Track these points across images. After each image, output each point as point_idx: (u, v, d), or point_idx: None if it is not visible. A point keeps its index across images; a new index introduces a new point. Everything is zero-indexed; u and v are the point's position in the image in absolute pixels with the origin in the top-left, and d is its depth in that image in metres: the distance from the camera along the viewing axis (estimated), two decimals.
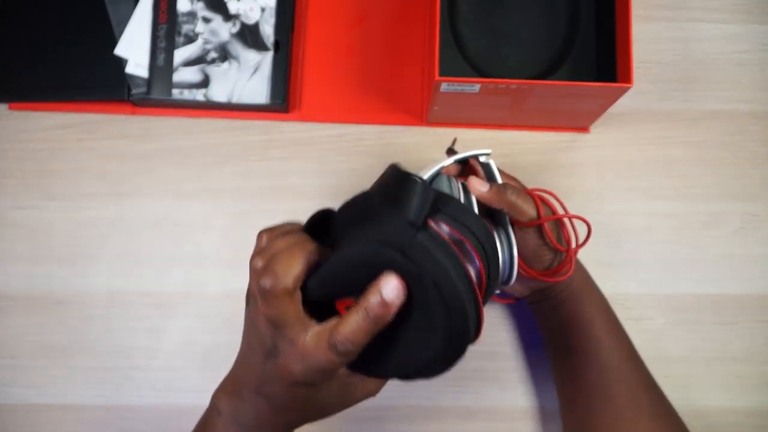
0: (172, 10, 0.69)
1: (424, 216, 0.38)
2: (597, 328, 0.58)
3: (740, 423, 0.66)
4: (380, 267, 0.38)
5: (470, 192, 0.53)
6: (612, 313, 0.60)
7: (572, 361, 0.58)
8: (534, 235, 0.54)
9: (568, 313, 0.58)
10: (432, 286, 0.37)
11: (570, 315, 0.58)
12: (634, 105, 0.72)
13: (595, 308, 0.59)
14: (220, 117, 0.71)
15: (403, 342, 0.40)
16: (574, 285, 0.59)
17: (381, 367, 0.41)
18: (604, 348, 0.57)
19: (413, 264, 0.37)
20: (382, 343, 0.40)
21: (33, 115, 0.70)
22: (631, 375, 0.57)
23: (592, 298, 0.59)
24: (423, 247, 0.37)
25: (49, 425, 0.65)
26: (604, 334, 0.58)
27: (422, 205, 0.38)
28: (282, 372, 0.40)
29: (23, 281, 0.62)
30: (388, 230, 0.37)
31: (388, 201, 0.39)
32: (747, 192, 0.71)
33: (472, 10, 0.69)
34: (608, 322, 0.59)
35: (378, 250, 0.37)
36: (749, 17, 0.74)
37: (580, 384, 0.57)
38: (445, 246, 0.37)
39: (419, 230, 0.37)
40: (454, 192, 0.51)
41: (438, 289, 0.37)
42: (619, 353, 0.57)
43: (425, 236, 0.37)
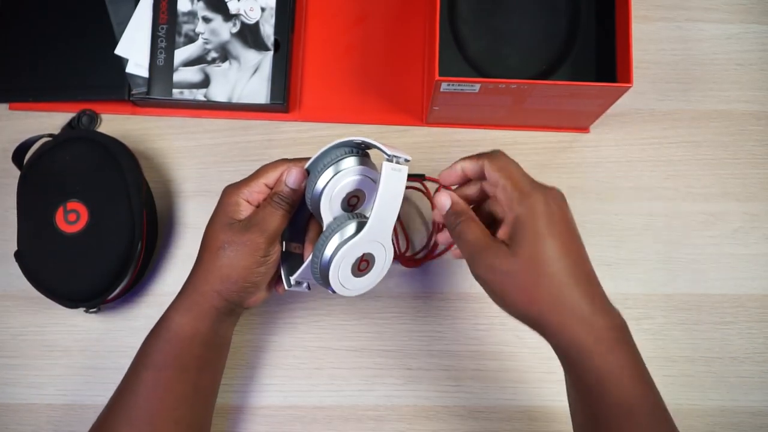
0: (173, 10, 0.69)
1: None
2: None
3: (740, 423, 0.66)
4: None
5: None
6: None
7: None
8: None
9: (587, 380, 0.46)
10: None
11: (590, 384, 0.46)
12: (634, 105, 0.72)
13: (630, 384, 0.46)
14: (220, 117, 0.71)
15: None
16: (585, 339, 0.46)
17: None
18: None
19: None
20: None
21: (33, 115, 0.70)
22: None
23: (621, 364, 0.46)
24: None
25: (49, 425, 0.65)
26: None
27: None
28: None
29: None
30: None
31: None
32: (747, 192, 0.71)
33: (472, 10, 0.69)
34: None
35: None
36: (749, 17, 0.74)
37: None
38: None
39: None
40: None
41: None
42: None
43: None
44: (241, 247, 0.51)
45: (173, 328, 0.53)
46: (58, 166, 0.63)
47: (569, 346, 0.46)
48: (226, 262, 0.52)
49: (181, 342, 0.53)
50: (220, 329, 0.54)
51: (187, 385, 0.53)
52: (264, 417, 0.65)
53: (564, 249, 0.46)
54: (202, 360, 0.53)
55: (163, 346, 0.53)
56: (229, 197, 0.53)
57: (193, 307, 0.53)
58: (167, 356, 0.53)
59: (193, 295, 0.53)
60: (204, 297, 0.53)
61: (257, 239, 0.51)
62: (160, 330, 0.54)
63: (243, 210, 0.53)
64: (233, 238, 0.52)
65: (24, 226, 0.63)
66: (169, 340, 0.53)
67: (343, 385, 0.66)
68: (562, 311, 0.46)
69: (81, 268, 0.62)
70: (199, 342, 0.53)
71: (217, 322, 0.53)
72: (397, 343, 0.67)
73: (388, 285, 0.68)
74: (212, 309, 0.53)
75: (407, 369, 0.67)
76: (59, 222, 0.62)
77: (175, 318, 0.53)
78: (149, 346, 0.54)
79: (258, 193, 0.53)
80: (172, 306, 0.54)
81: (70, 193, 0.62)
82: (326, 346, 0.67)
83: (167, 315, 0.54)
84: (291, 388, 0.66)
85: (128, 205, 0.62)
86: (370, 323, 0.67)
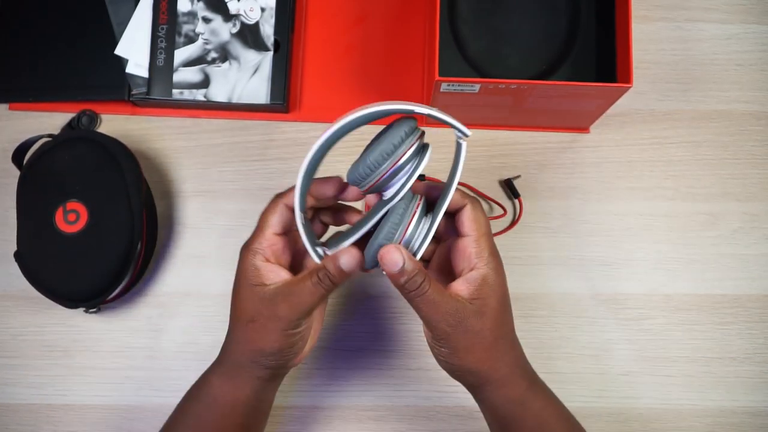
0: (173, 10, 0.69)
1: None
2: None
3: (740, 423, 0.66)
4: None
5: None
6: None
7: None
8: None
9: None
10: None
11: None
12: (634, 105, 0.72)
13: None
14: (220, 117, 0.71)
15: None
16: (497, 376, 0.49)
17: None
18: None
19: None
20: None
21: (33, 115, 0.70)
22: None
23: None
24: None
25: (49, 425, 0.65)
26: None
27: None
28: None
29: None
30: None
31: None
32: (747, 192, 0.71)
33: (472, 10, 0.69)
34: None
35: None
36: (749, 17, 0.74)
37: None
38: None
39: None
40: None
41: None
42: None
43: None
44: (271, 321, 0.47)
45: (213, 393, 0.50)
46: (58, 166, 0.63)
47: (506, 394, 0.50)
48: (258, 336, 0.47)
49: (222, 409, 0.50)
50: (263, 394, 0.51)
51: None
52: None
53: (509, 310, 0.50)
54: (243, 428, 0.51)
55: (203, 412, 0.51)
56: (246, 261, 0.48)
57: (234, 376, 0.50)
58: (206, 423, 0.50)
59: (231, 362, 0.50)
60: (245, 366, 0.49)
61: (289, 315, 0.46)
62: (200, 393, 0.51)
63: (263, 273, 0.48)
64: (262, 310, 0.47)
65: (24, 226, 0.63)
66: (209, 406, 0.50)
67: (343, 385, 0.66)
68: (508, 365, 0.50)
69: (81, 268, 0.62)
70: (241, 411, 0.50)
71: (260, 390, 0.50)
72: (397, 343, 0.67)
73: (388, 285, 0.68)
74: (254, 378, 0.49)
75: (407, 369, 0.67)
76: (59, 222, 0.62)
77: (215, 383, 0.50)
78: (189, 408, 0.52)
79: (270, 247, 0.48)
80: (212, 370, 0.51)
81: (69, 193, 0.62)
82: (326, 346, 0.67)
83: (207, 378, 0.51)
84: (291, 388, 0.66)
85: (128, 205, 0.62)
86: (370, 323, 0.67)
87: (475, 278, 0.47)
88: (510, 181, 0.69)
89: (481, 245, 0.47)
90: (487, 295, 0.47)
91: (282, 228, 0.49)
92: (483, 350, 0.48)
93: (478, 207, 0.48)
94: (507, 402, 0.50)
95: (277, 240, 0.49)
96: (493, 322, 0.47)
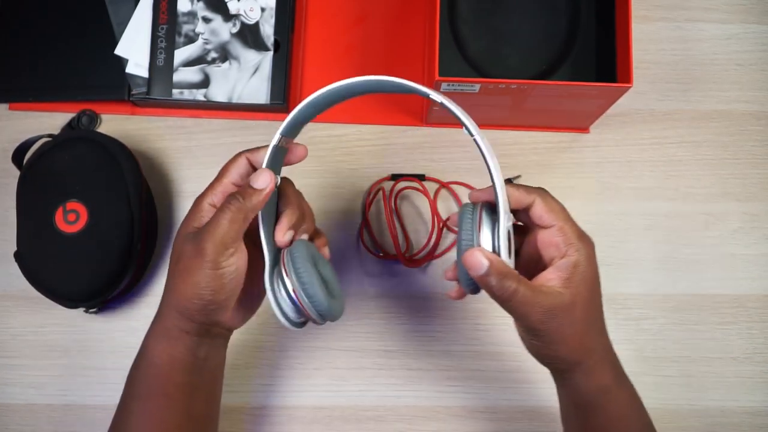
0: (173, 10, 0.69)
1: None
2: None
3: (740, 423, 0.66)
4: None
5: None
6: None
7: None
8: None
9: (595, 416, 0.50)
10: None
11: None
12: (634, 105, 0.72)
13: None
14: (220, 117, 0.71)
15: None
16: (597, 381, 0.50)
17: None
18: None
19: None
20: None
21: (33, 115, 0.70)
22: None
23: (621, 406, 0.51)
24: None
25: (49, 425, 0.65)
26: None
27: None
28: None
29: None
30: None
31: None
32: (747, 192, 0.71)
33: (472, 10, 0.69)
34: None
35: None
36: (749, 17, 0.74)
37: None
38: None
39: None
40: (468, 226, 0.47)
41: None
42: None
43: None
44: (190, 258, 0.45)
45: (149, 356, 0.49)
46: (58, 166, 0.63)
47: (593, 381, 0.49)
48: (180, 278, 0.46)
49: (158, 370, 0.49)
50: (200, 352, 0.49)
51: (177, 413, 0.49)
52: (264, 417, 0.65)
53: (599, 295, 0.49)
54: (188, 387, 0.49)
55: (144, 376, 0.50)
56: (194, 205, 0.49)
57: (164, 332, 0.49)
58: (149, 385, 0.49)
59: (162, 320, 0.49)
60: (170, 321, 0.48)
61: (204, 246, 0.45)
62: (139, 359, 0.50)
63: (205, 216, 0.47)
64: (186, 247, 0.46)
65: (24, 226, 0.63)
66: (147, 369, 0.49)
67: (343, 385, 0.66)
68: (598, 353, 0.49)
69: (81, 268, 0.62)
70: (179, 368, 0.49)
71: (193, 346, 0.48)
72: (397, 343, 0.67)
73: (388, 285, 0.68)
74: (182, 333, 0.48)
75: (407, 369, 0.67)
76: (59, 222, 0.62)
77: (150, 345, 0.50)
78: (132, 376, 0.51)
79: (223, 193, 0.48)
80: (147, 333, 0.50)
81: (69, 193, 0.62)
82: (326, 346, 0.67)
83: (144, 342, 0.50)
84: (291, 388, 0.66)
85: (128, 205, 0.62)
86: (370, 323, 0.67)
87: (567, 266, 0.46)
88: (510, 181, 0.69)
89: (567, 232, 0.47)
90: (578, 282, 0.46)
91: (240, 178, 0.50)
92: (575, 339, 0.47)
93: (548, 197, 0.48)
94: (593, 389, 0.49)
95: (232, 188, 0.49)
96: (584, 310, 0.47)
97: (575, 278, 0.46)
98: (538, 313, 0.45)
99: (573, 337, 0.47)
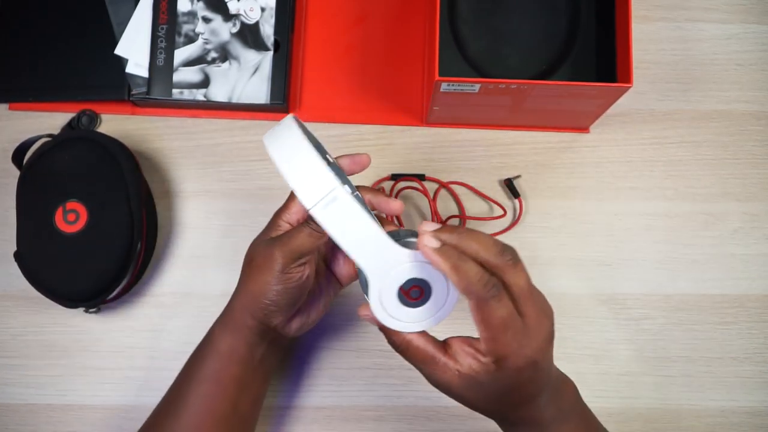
0: (172, 10, 0.69)
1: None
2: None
3: (740, 423, 0.66)
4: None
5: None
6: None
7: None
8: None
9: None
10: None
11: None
12: (634, 105, 0.72)
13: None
14: (219, 117, 0.71)
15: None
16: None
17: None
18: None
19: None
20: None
21: (33, 115, 0.70)
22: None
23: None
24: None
25: (49, 425, 0.65)
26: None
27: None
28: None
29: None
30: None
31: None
32: (746, 192, 0.71)
33: (472, 10, 0.69)
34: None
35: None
36: (749, 17, 0.74)
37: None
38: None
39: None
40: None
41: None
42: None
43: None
44: (262, 260, 0.50)
45: (213, 342, 0.54)
46: (58, 166, 0.63)
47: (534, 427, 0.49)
48: (251, 276, 0.51)
49: (219, 357, 0.53)
50: (257, 352, 0.53)
51: (227, 404, 0.53)
52: (264, 417, 0.65)
53: (545, 355, 0.46)
54: (240, 381, 0.53)
55: (205, 360, 0.53)
56: (272, 220, 0.53)
57: (230, 324, 0.53)
58: (208, 370, 0.53)
59: (230, 312, 0.54)
60: (237, 314, 0.52)
61: (275, 252, 0.49)
62: (203, 344, 0.55)
63: (282, 231, 0.52)
64: (261, 251, 0.51)
65: (23, 226, 0.63)
66: (210, 354, 0.53)
67: (343, 385, 0.66)
68: (536, 408, 0.48)
69: (81, 268, 0.62)
70: (236, 360, 0.53)
71: (252, 344, 0.53)
72: None
73: None
74: (245, 327, 0.52)
75: (407, 369, 0.66)
76: (59, 222, 0.62)
77: (216, 332, 0.54)
78: (193, 359, 0.55)
79: (296, 213, 0.52)
80: (216, 321, 0.55)
81: (69, 193, 0.62)
82: (326, 346, 0.67)
83: (210, 329, 0.55)
84: (291, 388, 0.66)
85: (128, 205, 0.62)
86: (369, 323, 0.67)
87: (492, 358, 0.44)
88: (510, 181, 0.69)
89: (500, 351, 0.43)
90: (508, 367, 0.43)
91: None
92: (501, 409, 0.48)
93: (520, 273, 0.43)
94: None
95: (302, 211, 0.52)
96: (512, 389, 0.45)
97: (506, 364, 0.43)
98: (446, 378, 0.46)
99: (496, 407, 0.47)
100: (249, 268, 0.52)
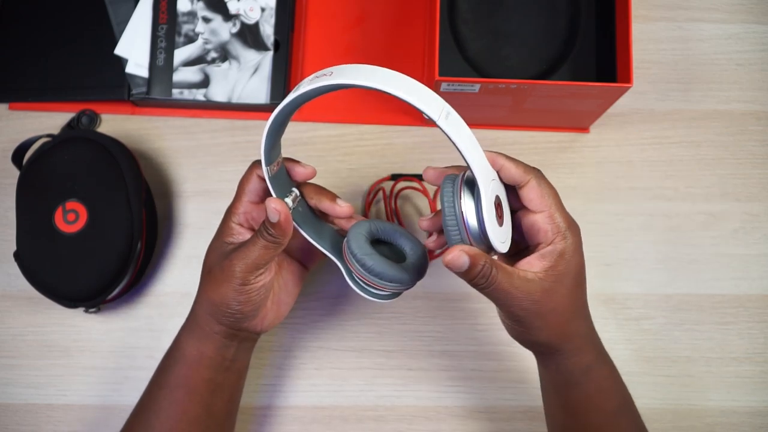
0: (172, 10, 0.69)
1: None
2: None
3: (740, 423, 0.66)
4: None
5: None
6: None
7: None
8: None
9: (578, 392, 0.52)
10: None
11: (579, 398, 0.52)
12: (634, 105, 0.72)
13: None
14: (220, 117, 0.71)
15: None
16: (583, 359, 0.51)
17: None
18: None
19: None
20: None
21: (33, 115, 0.70)
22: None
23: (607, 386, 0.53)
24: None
25: (49, 425, 0.65)
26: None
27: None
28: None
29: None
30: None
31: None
32: (747, 192, 0.71)
33: (472, 10, 0.69)
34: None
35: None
36: (749, 17, 0.74)
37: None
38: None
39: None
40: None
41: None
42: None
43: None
44: (221, 273, 0.49)
45: (181, 348, 0.53)
46: (58, 166, 0.63)
47: (574, 362, 0.51)
48: (210, 287, 0.50)
49: (188, 363, 0.52)
50: (227, 353, 0.53)
51: (200, 407, 0.52)
52: (264, 417, 0.65)
53: (584, 282, 0.50)
54: (212, 383, 0.53)
55: (174, 367, 0.53)
56: (224, 221, 0.52)
57: (196, 330, 0.52)
58: (178, 377, 0.53)
59: (194, 318, 0.53)
60: (203, 320, 0.52)
61: (234, 267, 0.48)
62: (171, 350, 0.54)
63: (235, 233, 0.51)
64: (218, 262, 0.50)
65: (23, 226, 0.63)
66: (178, 361, 0.53)
67: (343, 385, 0.66)
68: (580, 336, 0.50)
69: (80, 268, 0.62)
70: (206, 365, 0.52)
71: (222, 347, 0.52)
72: (397, 343, 0.67)
73: None
74: (212, 333, 0.52)
75: (407, 369, 0.67)
76: (58, 222, 0.62)
77: (183, 339, 0.53)
78: (162, 366, 0.54)
79: (244, 213, 0.51)
80: (182, 327, 0.54)
81: (69, 193, 0.62)
82: (326, 346, 0.67)
83: (177, 336, 0.54)
84: (291, 388, 0.66)
85: (128, 205, 0.62)
86: (370, 323, 0.67)
87: (552, 254, 0.46)
88: None
89: (556, 220, 0.46)
90: (562, 271, 0.46)
91: (257, 197, 0.51)
92: (557, 327, 0.48)
93: (543, 181, 0.47)
94: (574, 368, 0.50)
95: (252, 208, 0.51)
96: (567, 299, 0.47)
97: (559, 267, 0.46)
98: (518, 300, 0.45)
99: (554, 324, 0.47)
100: (208, 279, 0.50)
